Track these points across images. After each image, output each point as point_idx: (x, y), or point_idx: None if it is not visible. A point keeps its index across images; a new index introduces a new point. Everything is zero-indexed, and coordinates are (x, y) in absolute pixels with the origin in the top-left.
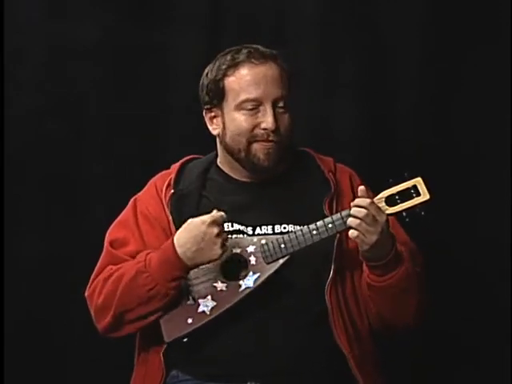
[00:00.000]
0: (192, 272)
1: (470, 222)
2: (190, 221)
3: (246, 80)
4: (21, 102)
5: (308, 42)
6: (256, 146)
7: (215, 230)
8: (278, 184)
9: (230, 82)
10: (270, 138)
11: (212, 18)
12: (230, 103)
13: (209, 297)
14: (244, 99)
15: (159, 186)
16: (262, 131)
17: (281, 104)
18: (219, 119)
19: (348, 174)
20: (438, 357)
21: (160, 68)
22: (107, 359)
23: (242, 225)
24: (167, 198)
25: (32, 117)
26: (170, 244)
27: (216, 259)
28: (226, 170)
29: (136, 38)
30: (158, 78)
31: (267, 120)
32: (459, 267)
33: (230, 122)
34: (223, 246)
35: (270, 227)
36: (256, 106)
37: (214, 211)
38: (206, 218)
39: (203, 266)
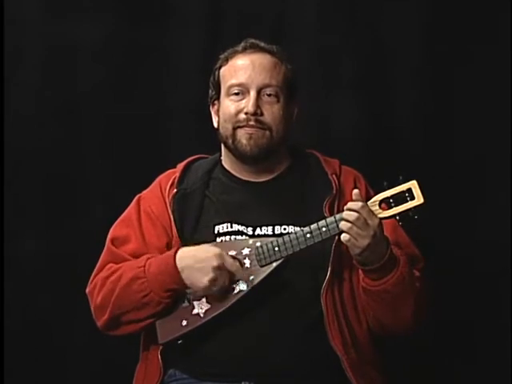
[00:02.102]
0: None
1: (471, 221)
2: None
3: (234, 66)
4: (21, 101)
5: (308, 42)
6: (240, 132)
7: (215, 263)
8: (280, 184)
9: (223, 70)
10: (251, 123)
11: (212, 17)
12: (222, 91)
13: (204, 299)
14: (230, 84)
15: (163, 184)
16: (244, 116)
17: (269, 92)
18: (219, 111)
19: (353, 177)
20: (437, 357)
21: (160, 68)
22: (108, 359)
23: (242, 225)
24: (170, 197)
25: (32, 117)
26: (172, 255)
27: (200, 287)
28: (229, 168)
29: (136, 37)
30: (158, 77)
31: (248, 104)
32: (459, 267)
33: (221, 110)
34: (213, 281)
35: (270, 228)
36: (242, 91)
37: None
38: (217, 249)
39: None
